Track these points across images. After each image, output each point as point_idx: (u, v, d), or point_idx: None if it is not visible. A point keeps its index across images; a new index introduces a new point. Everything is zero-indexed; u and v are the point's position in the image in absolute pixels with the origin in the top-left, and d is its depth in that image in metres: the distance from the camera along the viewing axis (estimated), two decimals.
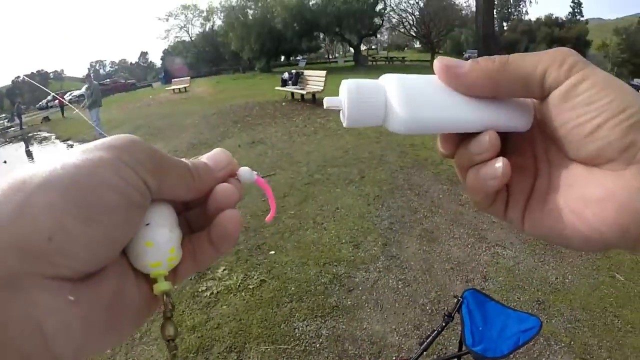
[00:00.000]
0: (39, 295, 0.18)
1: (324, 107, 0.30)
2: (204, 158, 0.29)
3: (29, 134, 15.74)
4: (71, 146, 10.17)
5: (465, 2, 38.54)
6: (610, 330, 2.12)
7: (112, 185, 0.20)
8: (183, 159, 0.26)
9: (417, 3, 37.03)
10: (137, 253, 0.24)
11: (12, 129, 19.86)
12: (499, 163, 0.28)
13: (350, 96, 0.28)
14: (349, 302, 2.34)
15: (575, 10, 52.82)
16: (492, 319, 1.31)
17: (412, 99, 0.27)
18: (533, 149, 0.30)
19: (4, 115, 31.92)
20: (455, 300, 1.43)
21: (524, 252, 2.77)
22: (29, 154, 11.17)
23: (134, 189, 0.21)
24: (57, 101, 21.44)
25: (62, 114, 18.91)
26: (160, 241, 0.24)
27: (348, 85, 0.28)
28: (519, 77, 0.27)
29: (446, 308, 1.47)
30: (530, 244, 2.87)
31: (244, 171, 0.30)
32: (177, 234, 0.26)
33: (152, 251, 0.24)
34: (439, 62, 0.29)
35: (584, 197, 0.26)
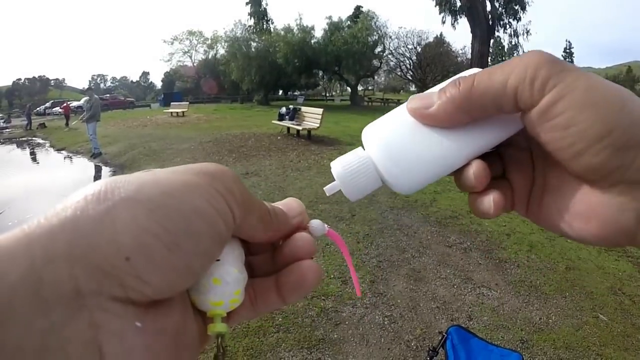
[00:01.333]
0: (103, 317, 0.16)
1: (327, 195, 0.32)
2: (278, 204, 0.28)
3: (23, 138, 15.71)
4: (70, 157, 10.16)
5: (461, 50, 39.95)
6: None
7: (202, 212, 0.19)
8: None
9: (415, 48, 38.46)
10: (200, 288, 0.22)
11: (8, 130, 19.86)
12: (489, 201, 0.28)
13: (342, 179, 0.30)
14: (335, 336, 2.36)
15: (567, 59, 55.07)
16: (476, 355, 1.36)
17: (398, 165, 0.28)
18: (528, 143, 0.29)
19: (0, 115, 31.76)
20: (440, 336, 1.49)
21: (508, 293, 2.83)
22: (34, 157, 11.21)
23: (221, 220, 0.20)
24: (61, 109, 20.88)
25: (67, 123, 17.25)
26: (229, 280, 0.23)
27: (335, 170, 0.30)
28: (489, 99, 0.25)
29: (431, 345, 1.53)
30: (515, 285, 2.93)
31: (316, 223, 0.29)
32: (245, 275, 0.24)
33: (218, 289, 0.22)
34: (409, 105, 0.29)
35: (571, 208, 0.26)
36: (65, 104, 17.47)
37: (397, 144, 0.28)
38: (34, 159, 10.95)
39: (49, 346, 0.15)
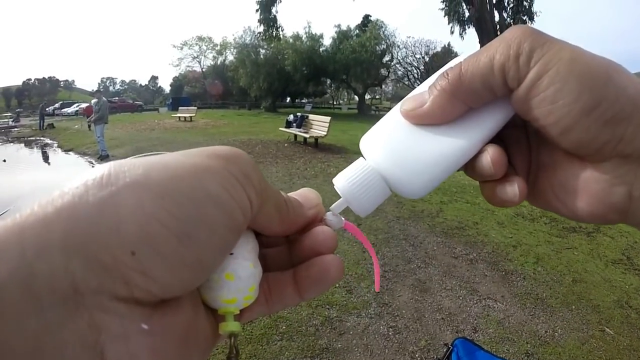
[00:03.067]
0: (105, 319, 0.15)
1: (334, 213, 0.29)
2: (293, 195, 0.27)
3: (32, 137, 15.78)
4: (92, 164, 10.24)
5: None
6: None
7: (217, 199, 0.17)
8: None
9: (423, 58, 38.54)
10: (211, 284, 0.21)
11: (16, 129, 19.99)
12: (515, 188, 0.26)
13: (348, 193, 0.28)
14: (339, 345, 2.35)
15: None
16: None
17: (404, 169, 0.27)
18: (523, 121, 0.27)
19: (9, 114, 32.09)
20: (445, 348, 1.48)
21: (514, 306, 2.80)
22: (46, 158, 11.01)
23: (238, 207, 0.18)
24: (83, 110, 20.69)
25: (90, 126, 15.91)
26: (242, 275, 0.21)
27: (340, 185, 0.29)
28: (479, 83, 0.24)
29: (436, 356, 1.52)
30: (521, 297, 2.91)
31: (332, 215, 0.28)
32: (259, 270, 0.22)
33: (231, 285, 0.21)
34: (403, 108, 0.28)
35: (563, 184, 0.25)
36: (88, 105, 17.49)
37: (399, 147, 0.27)
38: (41, 159, 10.98)
39: (44, 348, 0.14)
